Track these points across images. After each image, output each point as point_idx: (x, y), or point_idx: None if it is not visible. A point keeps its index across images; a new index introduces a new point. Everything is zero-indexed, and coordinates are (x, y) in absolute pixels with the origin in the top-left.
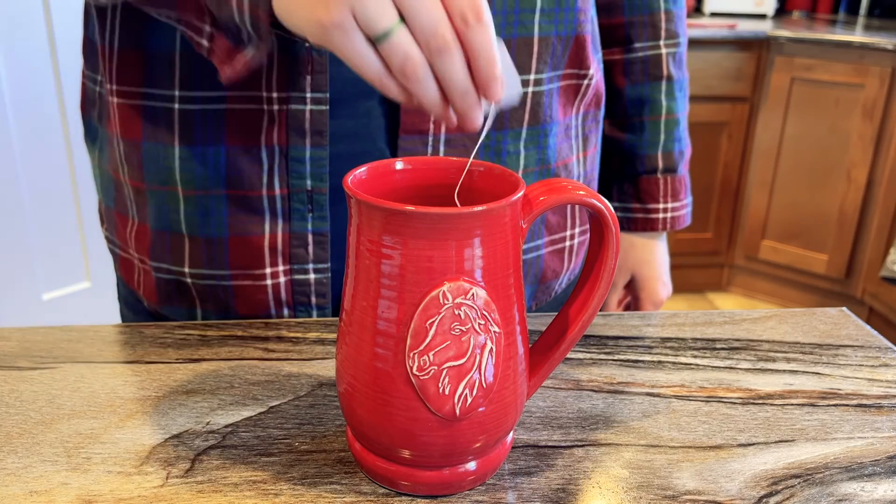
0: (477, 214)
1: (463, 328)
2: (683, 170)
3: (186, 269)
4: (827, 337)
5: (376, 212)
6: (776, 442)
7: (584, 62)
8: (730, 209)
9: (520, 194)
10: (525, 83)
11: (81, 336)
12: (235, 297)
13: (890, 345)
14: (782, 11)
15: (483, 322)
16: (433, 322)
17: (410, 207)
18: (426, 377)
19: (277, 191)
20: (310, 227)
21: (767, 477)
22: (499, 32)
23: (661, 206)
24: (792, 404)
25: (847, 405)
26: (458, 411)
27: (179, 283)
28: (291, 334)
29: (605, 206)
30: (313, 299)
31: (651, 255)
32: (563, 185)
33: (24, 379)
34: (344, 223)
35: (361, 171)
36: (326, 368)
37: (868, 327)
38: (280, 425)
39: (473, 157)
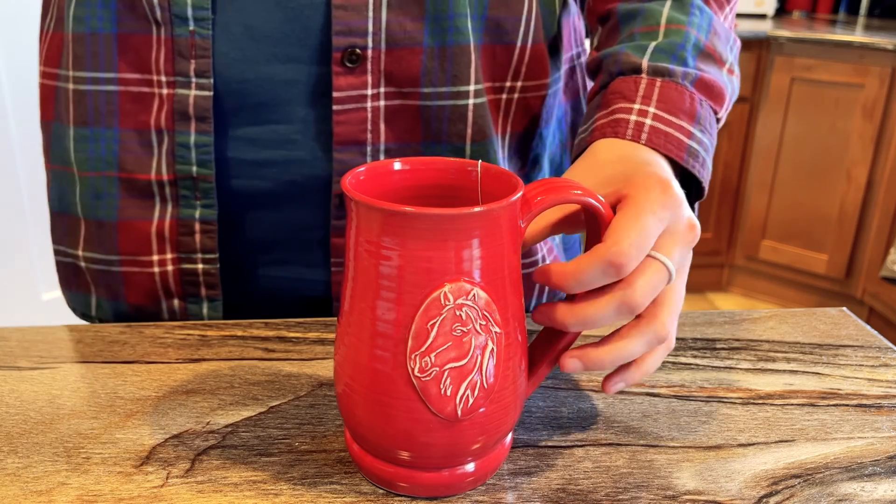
0: (478, 215)
1: (464, 329)
2: (695, 89)
3: (80, 253)
4: (827, 337)
5: (376, 213)
6: (776, 442)
7: (499, 74)
8: (730, 209)
9: (519, 194)
10: (464, 95)
11: (81, 336)
12: (124, 283)
13: (890, 345)
14: (782, 11)
15: (484, 322)
16: (434, 323)
17: (409, 208)
18: (427, 378)
19: (165, 176)
20: (197, 214)
21: (767, 477)
22: (432, 39)
23: (635, 106)
24: (792, 404)
25: (847, 405)
26: (459, 412)
27: (76, 266)
28: (291, 334)
29: (602, 203)
30: (203, 290)
31: (623, 157)
32: (560, 184)
33: (24, 379)
34: (233, 213)
35: (360, 171)
36: (326, 368)
37: (868, 327)
38: (280, 425)
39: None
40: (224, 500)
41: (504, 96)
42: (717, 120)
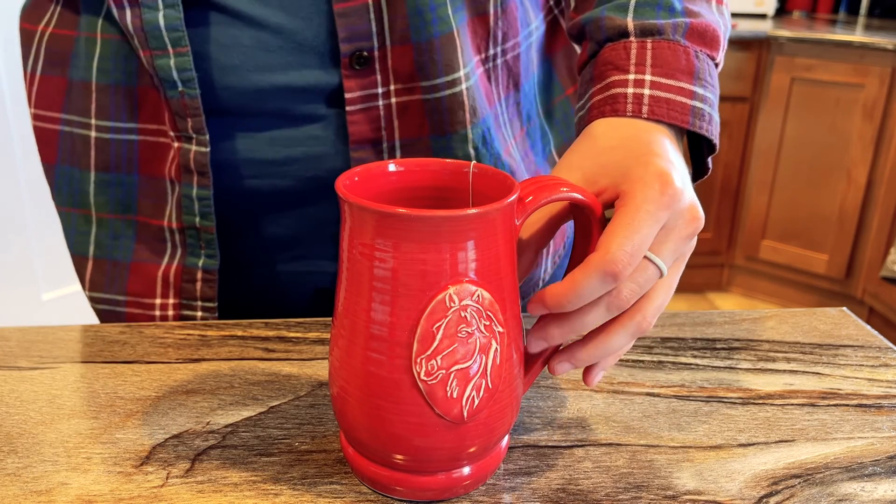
0: (474, 216)
1: (469, 330)
2: (688, 41)
3: (87, 293)
4: (827, 337)
5: (370, 215)
6: (776, 442)
7: (483, 46)
8: (730, 209)
9: (514, 196)
10: (458, 82)
11: (81, 336)
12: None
13: (890, 345)
14: (782, 11)
15: (488, 322)
16: (440, 325)
17: (404, 210)
18: (434, 382)
19: (174, 224)
20: (200, 263)
21: (767, 477)
22: (418, 35)
23: (630, 76)
24: (792, 404)
25: (847, 405)
26: (465, 414)
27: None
28: (291, 334)
29: (589, 198)
30: None
31: (624, 139)
32: (550, 182)
33: (24, 379)
34: (233, 264)
35: (354, 172)
36: (326, 368)
37: (868, 327)
38: (280, 425)
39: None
40: (224, 500)
41: (491, 65)
42: (716, 65)
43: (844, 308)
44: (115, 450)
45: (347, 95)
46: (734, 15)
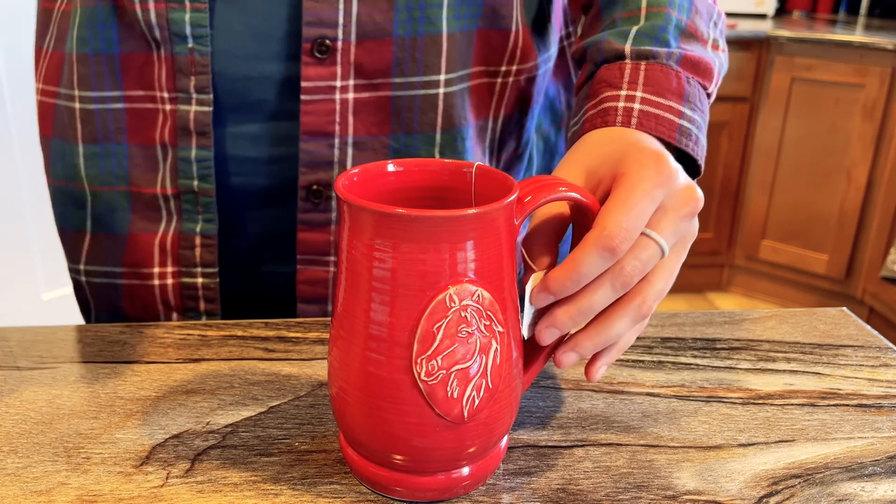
0: (474, 216)
1: (469, 330)
2: (681, 67)
3: (82, 267)
4: (827, 337)
5: (369, 215)
6: (776, 442)
7: (494, 59)
8: (730, 209)
9: (514, 196)
10: (435, 84)
11: (81, 336)
12: (125, 296)
13: (890, 345)
14: (782, 11)
15: (488, 322)
16: (441, 326)
17: (403, 210)
18: (434, 382)
19: (169, 190)
20: (198, 228)
21: (767, 477)
22: (403, 30)
23: (622, 92)
24: (792, 404)
25: (847, 405)
26: (466, 414)
27: (77, 281)
28: (292, 334)
29: (588, 197)
30: (202, 305)
31: (616, 139)
32: (548, 182)
33: (24, 379)
34: (232, 227)
35: (353, 172)
36: (326, 369)
37: (868, 327)
38: (280, 425)
39: None
40: (224, 500)
41: (499, 80)
42: (708, 95)
43: (844, 308)
44: (115, 450)
45: (304, 84)
46: (734, 15)
